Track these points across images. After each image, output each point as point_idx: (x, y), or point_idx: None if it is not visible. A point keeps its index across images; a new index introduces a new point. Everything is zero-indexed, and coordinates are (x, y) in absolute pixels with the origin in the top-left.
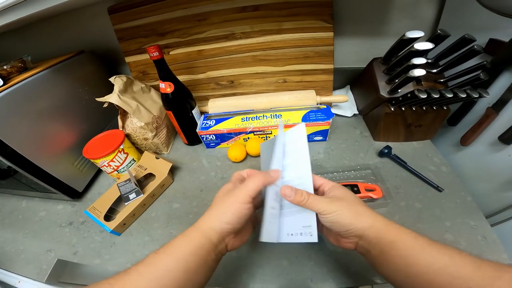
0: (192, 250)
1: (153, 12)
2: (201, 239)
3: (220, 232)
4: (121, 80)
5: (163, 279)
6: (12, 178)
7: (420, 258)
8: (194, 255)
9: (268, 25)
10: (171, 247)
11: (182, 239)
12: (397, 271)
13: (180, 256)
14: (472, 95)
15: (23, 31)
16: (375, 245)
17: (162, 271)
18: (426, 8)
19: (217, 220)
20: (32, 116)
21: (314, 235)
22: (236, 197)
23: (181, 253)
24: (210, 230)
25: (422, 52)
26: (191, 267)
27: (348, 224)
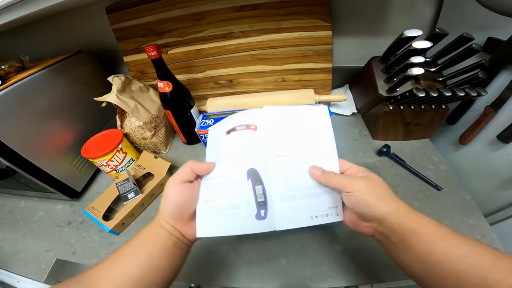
0: (152, 236)
1: (151, 12)
2: (157, 227)
3: (168, 220)
4: (119, 79)
5: (127, 264)
6: (10, 178)
7: (441, 247)
8: (154, 240)
9: (266, 24)
10: (137, 236)
11: (146, 229)
12: (416, 259)
13: (142, 242)
14: (471, 94)
15: (21, 31)
16: (395, 231)
17: (126, 258)
18: (425, 7)
19: (163, 209)
20: (30, 116)
21: (340, 215)
22: (170, 182)
23: (143, 239)
24: (161, 220)
25: (420, 50)
26: (152, 250)
27: (372, 205)
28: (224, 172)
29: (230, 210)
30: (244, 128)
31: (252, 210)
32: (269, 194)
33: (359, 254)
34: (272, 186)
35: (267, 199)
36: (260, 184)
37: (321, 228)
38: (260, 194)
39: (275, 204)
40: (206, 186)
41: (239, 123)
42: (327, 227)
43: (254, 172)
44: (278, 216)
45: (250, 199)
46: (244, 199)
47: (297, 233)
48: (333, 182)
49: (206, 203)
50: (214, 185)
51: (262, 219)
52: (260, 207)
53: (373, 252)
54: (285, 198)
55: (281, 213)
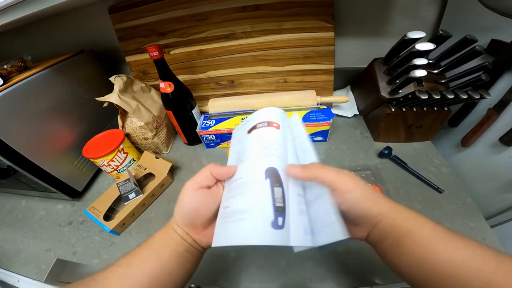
0: (163, 240)
1: (153, 12)
2: (170, 231)
3: (182, 226)
4: (121, 79)
5: (136, 268)
6: (12, 178)
7: (437, 249)
8: (166, 245)
9: (268, 25)
10: (149, 240)
11: (158, 233)
12: (411, 262)
13: (153, 246)
14: (473, 96)
15: (24, 31)
16: (389, 233)
17: (137, 262)
18: (428, 9)
19: (178, 214)
20: (32, 116)
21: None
22: (188, 187)
23: (155, 244)
24: (174, 224)
25: (423, 52)
26: (163, 256)
27: (365, 209)
28: (241, 174)
29: (242, 215)
30: (266, 125)
31: (268, 216)
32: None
33: (359, 255)
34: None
35: (287, 206)
36: (280, 186)
37: None
38: (278, 198)
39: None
40: (227, 191)
41: (261, 119)
42: None
43: (273, 172)
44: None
45: (266, 202)
46: (259, 202)
47: None
48: (321, 175)
49: (224, 210)
50: (233, 189)
51: (279, 228)
52: (278, 214)
53: (373, 254)
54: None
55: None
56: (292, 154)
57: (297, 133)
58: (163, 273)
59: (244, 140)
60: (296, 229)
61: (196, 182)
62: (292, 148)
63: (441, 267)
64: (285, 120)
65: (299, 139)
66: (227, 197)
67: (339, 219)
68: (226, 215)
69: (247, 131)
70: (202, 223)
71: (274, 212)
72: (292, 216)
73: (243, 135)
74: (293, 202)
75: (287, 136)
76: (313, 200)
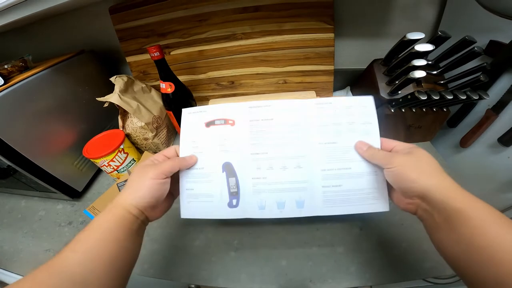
0: (117, 222)
1: (154, 12)
2: (122, 212)
3: (137, 206)
4: (121, 80)
5: (95, 248)
6: (12, 177)
7: (488, 231)
8: (120, 226)
9: (269, 25)
10: (97, 223)
11: (106, 215)
12: (458, 241)
13: (107, 229)
14: (472, 97)
15: (25, 31)
16: (439, 210)
17: (93, 243)
18: (427, 10)
19: (133, 196)
20: (33, 115)
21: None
22: (150, 174)
23: (107, 226)
24: (129, 205)
25: (422, 53)
26: (119, 236)
27: (410, 180)
28: (203, 164)
29: (206, 198)
30: (223, 122)
31: (225, 199)
32: (243, 186)
33: (359, 255)
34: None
35: (241, 190)
36: (233, 177)
37: (321, 229)
38: (233, 186)
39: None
40: (187, 176)
41: (218, 117)
42: (328, 227)
43: (228, 166)
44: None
45: (223, 189)
46: (218, 189)
47: (297, 234)
48: (376, 157)
49: (188, 191)
50: (195, 175)
51: (233, 207)
52: (232, 197)
53: (373, 254)
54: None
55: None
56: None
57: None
58: (122, 252)
59: (202, 132)
60: (251, 206)
61: (162, 173)
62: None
63: (485, 250)
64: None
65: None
66: (189, 181)
67: (383, 193)
68: (192, 196)
69: (204, 123)
70: (156, 204)
71: (229, 196)
72: (248, 196)
73: (200, 125)
74: (248, 186)
75: (244, 129)
76: (362, 174)
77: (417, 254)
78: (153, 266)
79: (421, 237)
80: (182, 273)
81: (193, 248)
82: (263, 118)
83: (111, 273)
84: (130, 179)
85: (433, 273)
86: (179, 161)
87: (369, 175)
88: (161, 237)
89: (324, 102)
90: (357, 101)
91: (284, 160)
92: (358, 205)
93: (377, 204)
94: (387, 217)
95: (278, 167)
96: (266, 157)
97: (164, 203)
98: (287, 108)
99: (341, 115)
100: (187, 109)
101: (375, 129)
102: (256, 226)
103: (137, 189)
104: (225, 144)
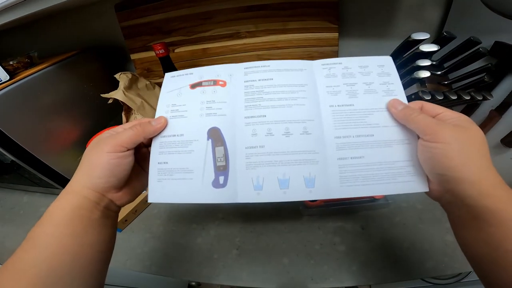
0: (71, 213)
1: (159, 10)
2: (77, 199)
3: (95, 189)
4: (126, 76)
5: (49, 246)
6: (15, 173)
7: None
8: (76, 217)
9: (273, 24)
10: (48, 216)
11: (57, 205)
12: (486, 242)
13: (61, 222)
14: (476, 98)
15: (31, 27)
16: (469, 207)
17: (45, 240)
18: (432, 10)
19: (88, 177)
20: (37, 111)
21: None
22: (106, 147)
23: (61, 218)
24: (83, 189)
25: (427, 54)
26: (76, 229)
27: (448, 167)
28: (182, 130)
29: (184, 174)
30: (212, 84)
31: (209, 175)
32: (233, 158)
33: (360, 254)
34: None
35: (231, 164)
36: (221, 146)
37: (323, 228)
38: (220, 157)
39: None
40: (160, 146)
41: (207, 78)
42: (330, 226)
43: (215, 132)
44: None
45: (208, 162)
46: (200, 163)
47: (299, 232)
48: (414, 120)
49: (160, 165)
50: (171, 144)
51: (220, 187)
52: (219, 173)
53: (374, 253)
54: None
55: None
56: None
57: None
58: (84, 247)
59: (185, 94)
60: (244, 185)
61: (119, 145)
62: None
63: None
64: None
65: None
66: (163, 151)
67: (419, 169)
68: (164, 172)
69: (189, 85)
70: (125, 181)
71: (215, 172)
72: (240, 172)
73: (185, 88)
74: (240, 158)
75: (237, 90)
76: (390, 142)
77: (418, 254)
78: (155, 263)
79: (422, 237)
80: (184, 271)
81: (195, 245)
82: (260, 78)
83: (75, 272)
84: (83, 156)
85: (434, 273)
86: (141, 127)
87: (400, 144)
88: (163, 235)
89: (332, 62)
90: (373, 60)
91: (288, 124)
92: (388, 184)
93: (413, 182)
94: (389, 217)
95: (280, 133)
96: (264, 121)
97: (135, 183)
98: (289, 67)
99: (355, 75)
100: (170, 73)
101: (400, 90)
102: (258, 224)
103: (91, 168)
104: (212, 107)
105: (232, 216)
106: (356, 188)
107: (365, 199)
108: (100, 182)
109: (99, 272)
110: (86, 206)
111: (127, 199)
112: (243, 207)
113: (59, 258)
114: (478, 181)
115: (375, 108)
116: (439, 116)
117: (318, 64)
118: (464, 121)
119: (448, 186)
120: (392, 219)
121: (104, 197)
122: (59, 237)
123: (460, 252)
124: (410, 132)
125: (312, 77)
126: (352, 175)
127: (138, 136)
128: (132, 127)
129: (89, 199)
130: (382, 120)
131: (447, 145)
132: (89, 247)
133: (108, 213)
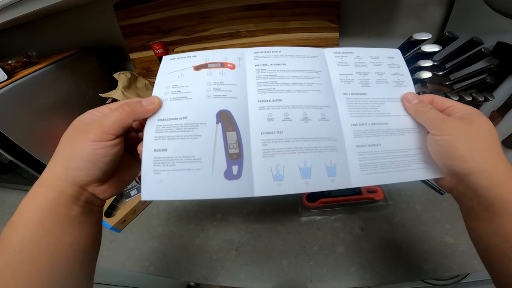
0: (45, 210)
1: (158, 9)
2: (52, 194)
3: (73, 182)
4: (125, 76)
5: (23, 251)
6: (13, 173)
7: None
8: (50, 215)
9: (273, 24)
10: (19, 215)
11: (29, 201)
12: (497, 234)
13: (33, 221)
14: (478, 99)
15: (29, 27)
16: (481, 197)
17: (18, 241)
18: (434, 10)
19: (65, 168)
20: (36, 111)
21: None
22: (89, 135)
23: (32, 217)
24: (59, 182)
25: (429, 54)
26: (52, 228)
27: (456, 157)
28: (186, 112)
29: (190, 164)
30: (219, 66)
31: (220, 165)
32: (247, 145)
33: (359, 256)
34: None
35: (245, 151)
36: (233, 131)
37: (322, 229)
38: (232, 144)
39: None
40: (157, 130)
41: (213, 60)
42: (329, 227)
43: (226, 115)
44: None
45: (218, 150)
46: (209, 150)
47: (298, 234)
48: (423, 116)
49: (157, 153)
50: (170, 128)
51: (234, 178)
52: (232, 162)
53: (373, 254)
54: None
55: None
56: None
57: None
58: (63, 248)
59: (188, 75)
60: (262, 176)
61: (105, 132)
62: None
63: None
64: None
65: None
66: (161, 136)
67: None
68: (163, 161)
69: (193, 67)
70: (105, 176)
71: (227, 160)
72: (256, 160)
73: (188, 70)
74: (256, 145)
75: (248, 73)
76: (403, 131)
77: (418, 255)
78: (153, 264)
79: (422, 238)
80: (182, 271)
81: (194, 246)
82: (272, 62)
83: (57, 277)
84: (60, 141)
85: (433, 274)
86: (130, 107)
87: (412, 133)
88: (161, 235)
89: (344, 51)
90: (383, 52)
91: (305, 109)
92: (405, 171)
93: (427, 169)
94: (389, 218)
95: (298, 118)
96: (280, 105)
97: (123, 172)
98: (301, 54)
99: (367, 65)
100: (169, 55)
101: (409, 81)
102: (257, 225)
103: (70, 157)
104: (220, 89)
105: (231, 216)
106: (376, 176)
107: (364, 199)
108: (79, 175)
109: (84, 274)
110: (62, 202)
111: (113, 192)
112: (242, 208)
113: (35, 261)
114: (489, 171)
115: (387, 98)
116: (449, 109)
117: (330, 52)
118: (471, 114)
119: (459, 177)
120: (391, 220)
121: (84, 191)
122: (32, 240)
123: (459, 253)
124: (419, 122)
125: (325, 64)
126: (371, 163)
127: (127, 119)
128: (118, 107)
129: (66, 194)
130: (394, 109)
131: (452, 137)
132: (69, 248)
133: (89, 208)
